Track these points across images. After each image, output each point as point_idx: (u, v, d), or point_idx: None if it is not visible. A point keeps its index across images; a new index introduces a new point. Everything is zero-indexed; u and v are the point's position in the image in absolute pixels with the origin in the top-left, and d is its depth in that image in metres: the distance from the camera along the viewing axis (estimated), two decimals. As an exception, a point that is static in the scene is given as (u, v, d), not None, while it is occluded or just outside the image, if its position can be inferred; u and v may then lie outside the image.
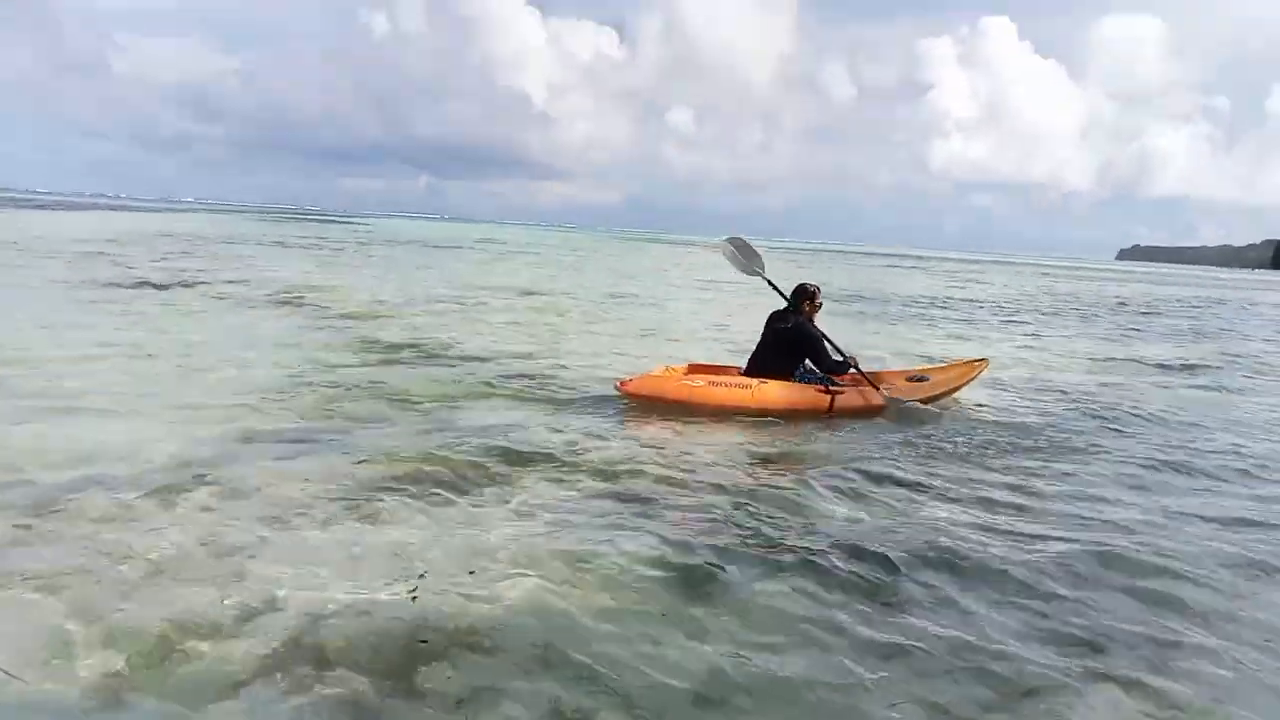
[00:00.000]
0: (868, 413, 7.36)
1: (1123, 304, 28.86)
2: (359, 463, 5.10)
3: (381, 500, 4.49)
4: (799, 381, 7.34)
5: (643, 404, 7.09)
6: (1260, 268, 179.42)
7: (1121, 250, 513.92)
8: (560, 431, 6.17)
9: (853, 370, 7.52)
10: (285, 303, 13.41)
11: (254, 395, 6.85)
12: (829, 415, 7.20)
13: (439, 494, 4.66)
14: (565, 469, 5.28)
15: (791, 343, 7.37)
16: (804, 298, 7.52)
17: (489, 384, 7.84)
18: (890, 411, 7.38)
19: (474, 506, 4.54)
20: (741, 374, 7.42)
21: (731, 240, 8.28)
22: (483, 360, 9.08)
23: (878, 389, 7.53)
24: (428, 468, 5.06)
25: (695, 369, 7.60)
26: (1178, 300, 33.86)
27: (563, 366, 9.02)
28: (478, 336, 10.90)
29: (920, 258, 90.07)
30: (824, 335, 7.44)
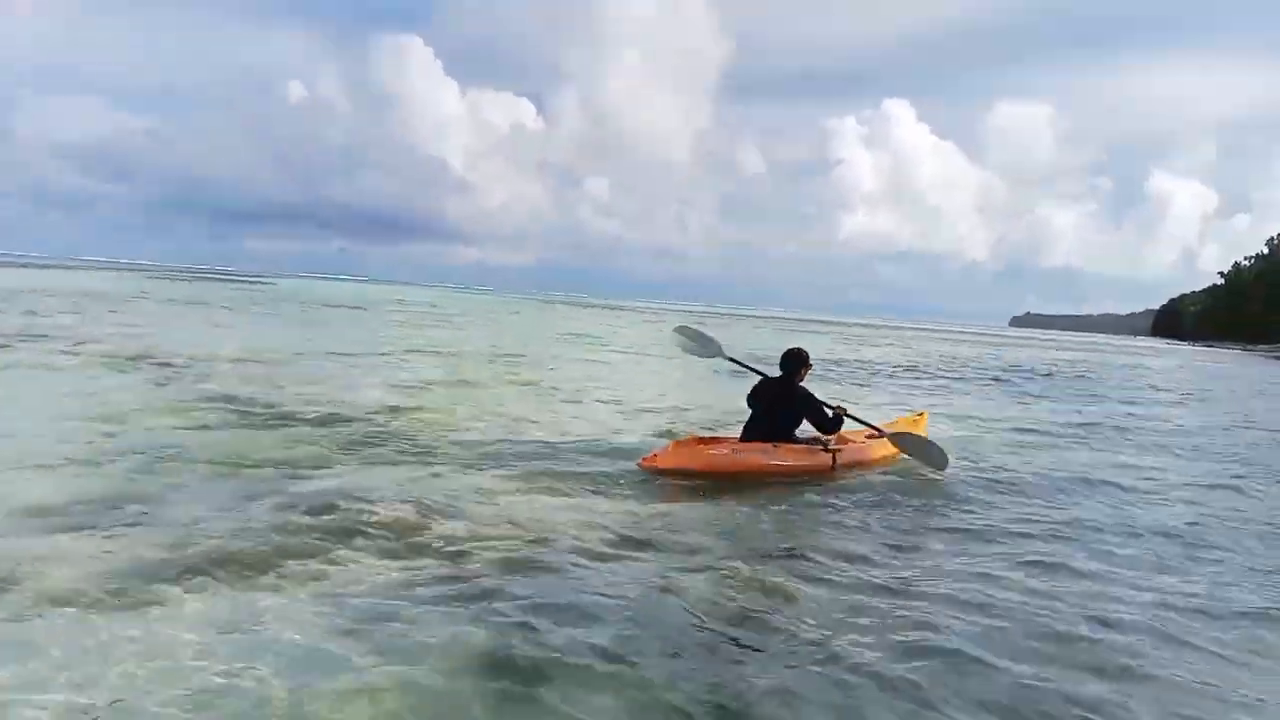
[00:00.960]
0: (864, 466, 7.68)
1: (1015, 367, 29.63)
2: (156, 541, 4.37)
3: (158, 588, 3.78)
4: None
5: (522, 473, 6.58)
6: (1141, 334, 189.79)
7: (1014, 317, 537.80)
8: (410, 500, 5.50)
9: (846, 419, 7.62)
10: (141, 358, 12.32)
11: (60, 461, 5.99)
12: (832, 473, 7.28)
13: (228, 579, 3.96)
14: (404, 544, 4.63)
15: (795, 409, 7.37)
16: (799, 364, 7.51)
17: (344, 445, 7.14)
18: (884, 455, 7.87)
19: (265, 594, 3.84)
20: (752, 440, 7.30)
21: (681, 330, 8.76)
22: (346, 421, 8.34)
23: (880, 431, 7.94)
24: (231, 545, 4.35)
25: (706, 441, 7.22)
26: (1070, 362, 34.99)
27: (428, 426, 8.36)
28: (348, 395, 10.12)
29: (829, 323, 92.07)
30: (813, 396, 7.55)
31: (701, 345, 8.68)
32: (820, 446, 7.36)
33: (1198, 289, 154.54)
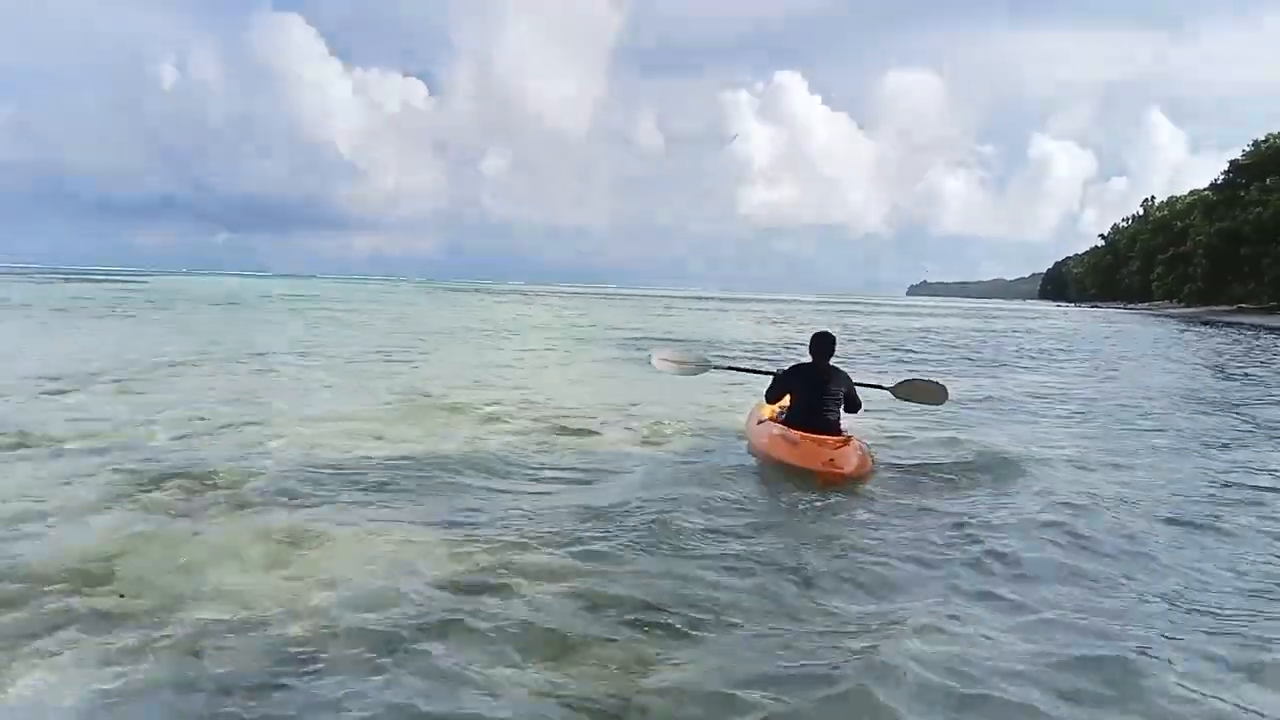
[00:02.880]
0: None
1: (924, 336, 29.57)
2: None
3: None
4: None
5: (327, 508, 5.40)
6: (1030, 298, 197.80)
7: (911, 286, 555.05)
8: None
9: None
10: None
11: None
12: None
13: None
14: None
15: (847, 394, 7.32)
16: (834, 344, 7.41)
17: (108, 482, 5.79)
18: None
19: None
20: (809, 431, 6.92)
21: (663, 359, 8.99)
22: (124, 449, 6.93)
23: (881, 386, 8.30)
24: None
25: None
26: (975, 331, 35.30)
27: (218, 452, 6.95)
28: (158, 413, 8.58)
29: (732, 299, 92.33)
30: None
31: (691, 362, 8.98)
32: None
33: (1080, 251, 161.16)
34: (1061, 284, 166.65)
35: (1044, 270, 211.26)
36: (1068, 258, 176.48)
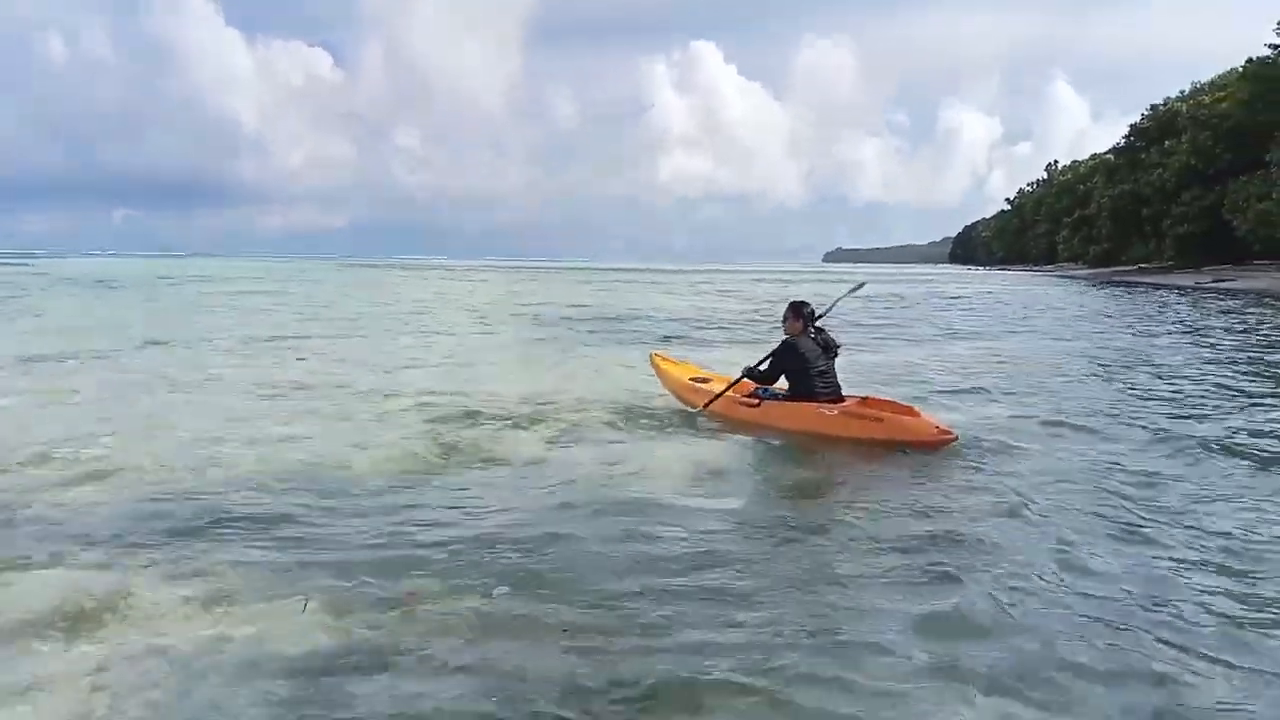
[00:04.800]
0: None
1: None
2: None
3: None
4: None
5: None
6: (941, 262, 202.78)
7: (827, 253, 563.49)
8: None
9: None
10: None
11: None
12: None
13: None
14: None
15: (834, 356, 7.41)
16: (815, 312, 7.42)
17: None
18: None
19: None
20: (820, 399, 7.04)
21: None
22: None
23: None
24: None
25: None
26: (894, 295, 35.19)
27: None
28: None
29: (653, 270, 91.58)
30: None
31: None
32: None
33: (988, 216, 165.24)
34: (971, 248, 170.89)
35: (954, 235, 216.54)
36: (976, 222, 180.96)
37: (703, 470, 6.12)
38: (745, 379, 7.53)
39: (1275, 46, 50.53)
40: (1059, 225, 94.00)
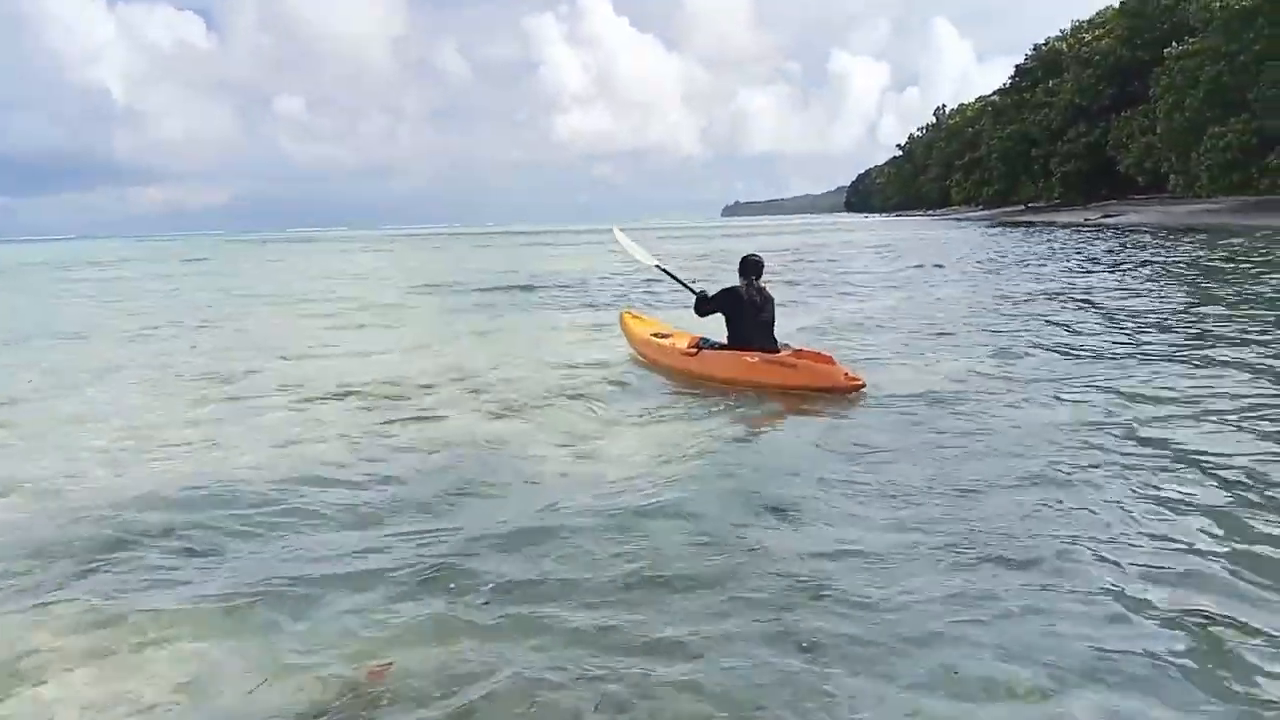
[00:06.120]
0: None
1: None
2: None
3: None
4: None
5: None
6: (838, 211, 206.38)
7: (726, 207, 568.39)
8: None
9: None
10: None
11: None
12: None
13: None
14: None
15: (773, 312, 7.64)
16: (762, 266, 7.70)
17: None
18: None
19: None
20: (754, 350, 7.31)
21: (621, 235, 10.20)
22: None
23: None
24: None
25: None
26: (793, 250, 35.19)
27: None
28: None
29: (553, 232, 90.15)
30: None
31: (637, 257, 9.61)
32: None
33: (881, 162, 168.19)
34: (865, 195, 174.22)
35: (848, 183, 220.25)
36: (870, 169, 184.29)
37: (641, 436, 5.88)
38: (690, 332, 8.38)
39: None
40: (950, 169, 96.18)
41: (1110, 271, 17.16)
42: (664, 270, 9.04)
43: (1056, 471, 4.57)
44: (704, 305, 7.71)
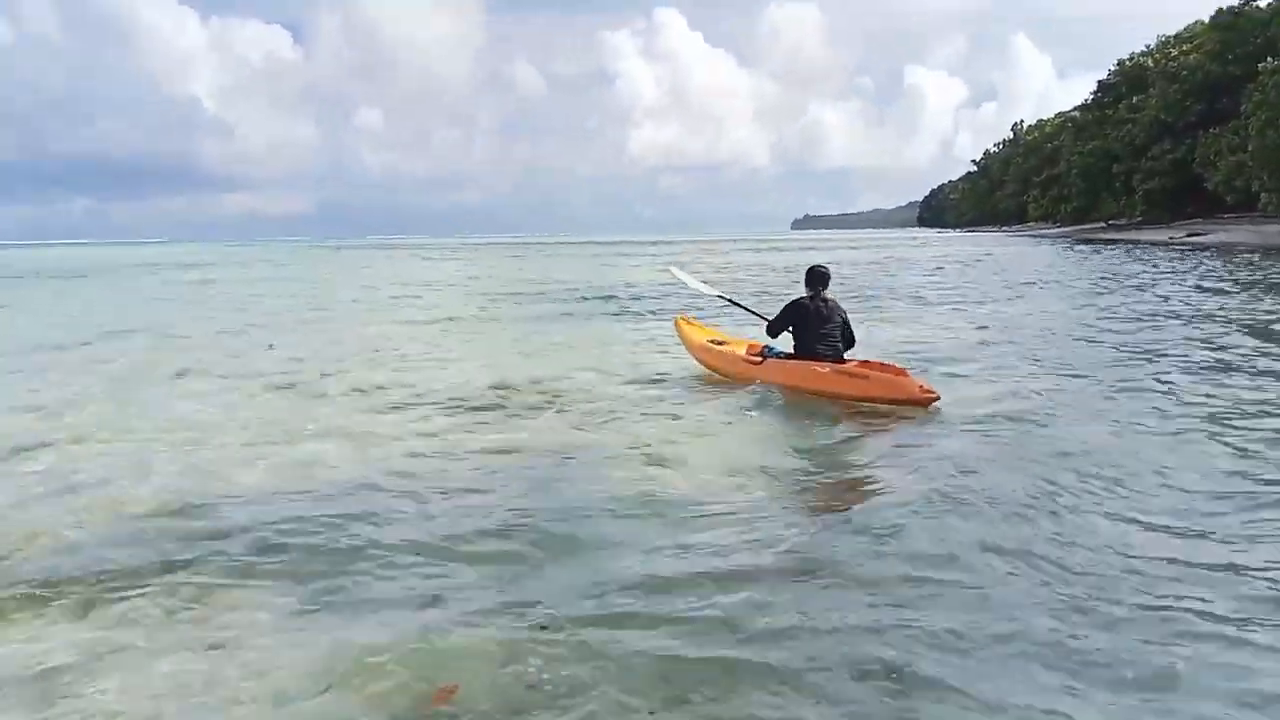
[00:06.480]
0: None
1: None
2: None
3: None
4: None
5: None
6: (910, 226, 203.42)
7: (795, 220, 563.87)
8: None
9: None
10: None
11: None
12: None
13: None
14: None
15: (844, 325, 7.65)
16: (829, 277, 7.77)
17: None
18: None
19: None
20: (823, 360, 7.34)
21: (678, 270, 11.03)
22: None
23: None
24: None
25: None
26: (870, 263, 35.06)
27: None
28: None
29: (627, 243, 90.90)
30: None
31: (697, 287, 10.42)
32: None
33: (955, 178, 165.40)
34: (939, 211, 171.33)
35: (921, 198, 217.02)
36: (944, 184, 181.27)
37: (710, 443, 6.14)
38: (755, 340, 8.39)
39: (1242, -3, 50.68)
40: (1028, 185, 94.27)
41: (1230, 293, 16.36)
42: (728, 299, 9.40)
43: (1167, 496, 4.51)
44: (774, 327, 7.77)
